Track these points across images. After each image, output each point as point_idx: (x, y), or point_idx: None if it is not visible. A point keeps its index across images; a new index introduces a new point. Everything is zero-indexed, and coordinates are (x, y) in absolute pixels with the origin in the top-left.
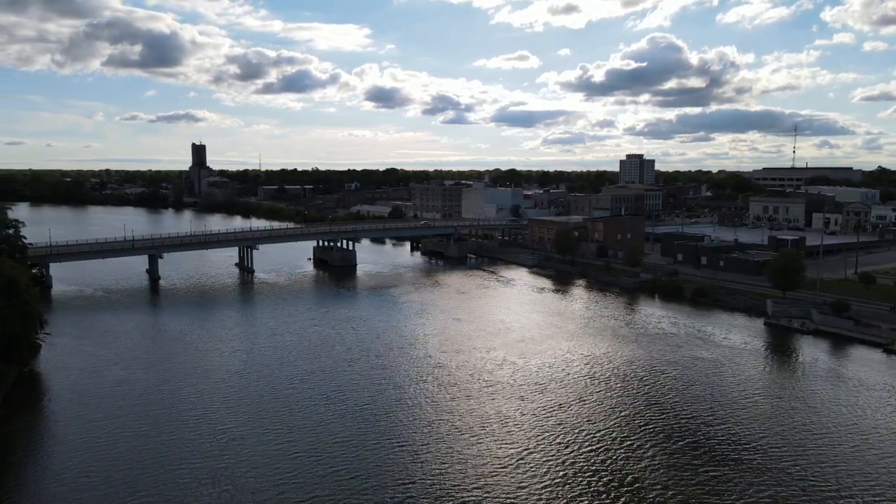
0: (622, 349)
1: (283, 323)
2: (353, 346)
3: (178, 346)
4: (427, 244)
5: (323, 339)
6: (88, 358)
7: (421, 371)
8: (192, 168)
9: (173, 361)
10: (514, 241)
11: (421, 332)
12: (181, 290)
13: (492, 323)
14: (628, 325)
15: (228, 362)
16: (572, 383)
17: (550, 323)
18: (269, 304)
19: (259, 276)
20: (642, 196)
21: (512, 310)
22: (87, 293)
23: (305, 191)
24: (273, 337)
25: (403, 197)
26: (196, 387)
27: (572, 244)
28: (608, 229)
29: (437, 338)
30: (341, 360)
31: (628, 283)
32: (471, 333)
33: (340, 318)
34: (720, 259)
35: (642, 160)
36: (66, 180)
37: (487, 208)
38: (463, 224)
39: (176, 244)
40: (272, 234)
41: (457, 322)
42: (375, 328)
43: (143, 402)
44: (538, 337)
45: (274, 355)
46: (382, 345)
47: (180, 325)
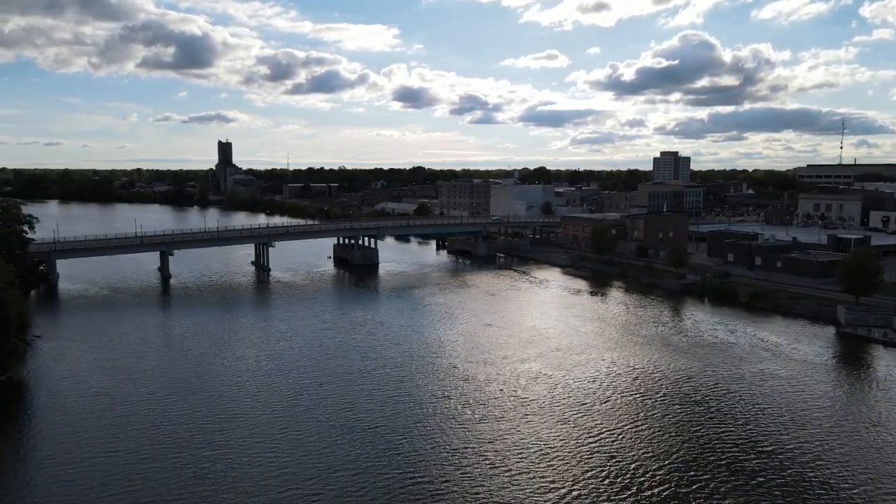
0: (676, 361)
1: (293, 326)
2: (369, 353)
3: (176, 351)
4: (454, 242)
5: (336, 346)
6: (76, 364)
7: (445, 385)
8: (219, 166)
9: (166, 370)
10: (546, 240)
11: (446, 338)
12: (191, 290)
13: (525, 329)
14: (679, 333)
15: (226, 372)
16: (621, 403)
17: (590, 329)
18: (282, 306)
19: (275, 275)
20: (682, 193)
21: (547, 314)
22: (91, 292)
23: (331, 189)
24: (281, 343)
25: (430, 195)
26: (186, 400)
27: (610, 243)
28: (649, 227)
29: (463, 345)
30: (354, 370)
31: (673, 285)
32: (502, 341)
33: (357, 322)
34: (777, 259)
35: (677, 157)
36: (94, 178)
37: (517, 206)
38: (492, 221)
39: (187, 241)
40: (289, 231)
41: (486, 328)
42: (396, 333)
43: (122, 419)
44: (577, 346)
45: (279, 364)
46: (402, 353)
47: (183, 328)
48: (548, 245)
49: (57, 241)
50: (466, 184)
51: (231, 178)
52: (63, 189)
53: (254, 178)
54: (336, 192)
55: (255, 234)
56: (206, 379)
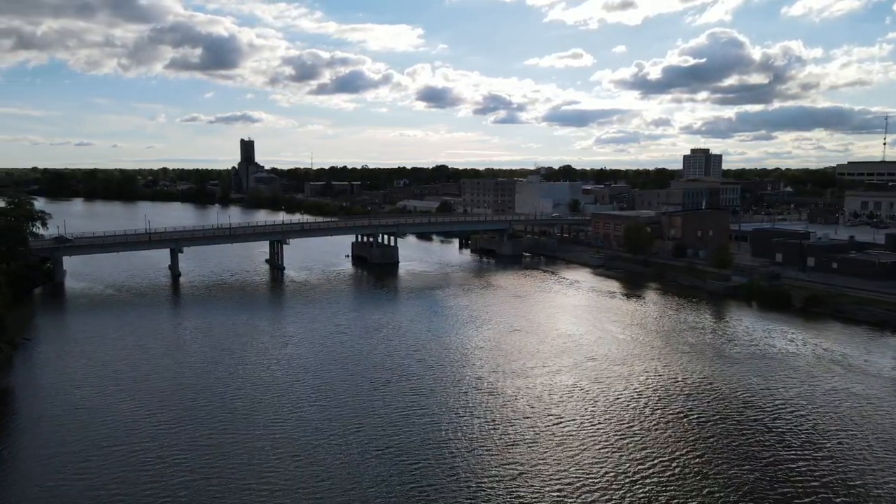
0: (731, 375)
1: (303, 329)
2: (384, 362)
3: (173, 357)
4: (478, 241)
5: (348, 353)
6: (62, 372)
7: (467, 400)
8: (241, 164)
9: (158, 379)
10: (575, 239)
11: (470, 345)
12: (200, 289)
13: (556, 335)
14: (730, 342)
15: (222, 382)
16: (673, 426)
17: (629, 336)
18: (293, 307)
19: (289, 275)
20: (718, 190)
21: (580, 318)
22: (96, 290)
23: (353, 187)
24: (288, 348)
25: (453, 193)
26: (171, 416)
27: (645, 242)
28: (687, 225)
29: (489, 354)
30: (366, 380)
31: (717, 288)
32: (531, 349)
33: (373, 326)
34: (832, 260)
35: (708, 155)
36: (118, 177)
37: (543, 203)
38: (518, 219)
39: (197, 237)
40: (304, 228)
41: (514, 333)
42: (414, 339)
43: (99, 436)
44: (616, 355)
45: (283, 373)
46: (420, 362)
47: (186, 331)
48: (576, 244)
49: (62, 237)
50: (490, 181)
51: (253, 176)
52: (88, 187)
53: (275, 177)
54: (358, 190)
55: (268, 230)
56: (200, 391)
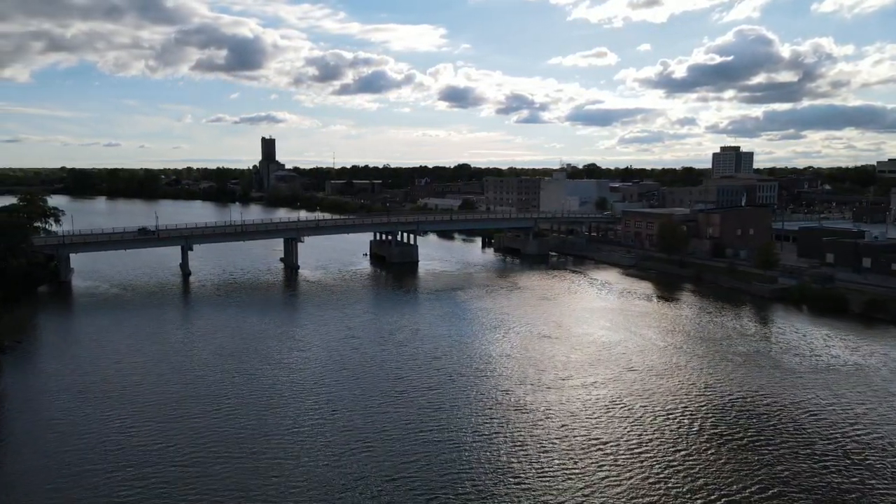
0: (797, 392)
1: (312, 333)
2: (398, 371)
3: (168, 364)
4: (502, 239)
5: (360, 360)
6: (46, 379)
7: (493, 417)
8: (262, 163)
9: (148, 389)
10: (604, 238)
11: (495, 352)
12: (209, 289)
13: (590, 342)
14: (787, 351)
15: (217, 393)
16: (731, 449)
17: (671, 344)
18: (305, 308)
19: (303, 274)
20: (754, 187)
21: (615, 323)
22: (101, 289)
23: (373, 185)
24: (294, 355)
25: (475, 191)
26: (156, 435)
27: (680, 241)
28: (726, 223)
29: (516, 363)
30: (377, 392)
31: (763, 291)
32: (563, 357)
33: (389, 330)
34: (892, 261)
35: (739, 153)
36: (140, 176)
37: (569, 201)
38: (544, 217)
39: (207, 234)
40: (319, 225)
41: (543, 340)
42: (433, 345)
43: (73, 461)
44: (659, 366)
45: (286, 383)
46: (440, 371)
47: (187, 334)
48: (606, 243)
49: (67, 234)
50: (514, 179)
51: (273, 174)
52: (111, 186)
53: (296, 175)
54: (379, 188)
55: (281, 227)
56: (191, 403)
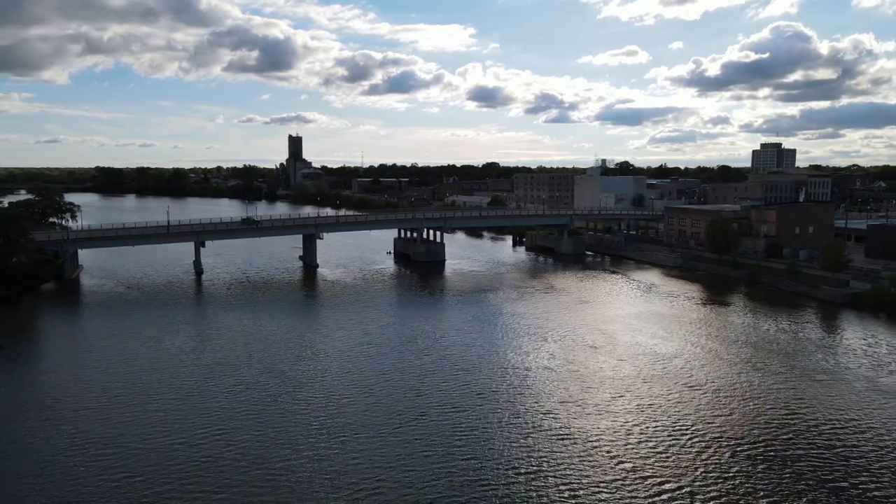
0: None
1: (324, 338)
2: (419, 385)
3: (154, 375)
4: (534, 238)
5: (375, 371)
6: (18, 389)
7: (530, 447)
8: (289, 161)
9: (128, 404)
10: (644, 236)
11: (531, 364)
12: (219, 288)
13: (642, 353)
14: (880, 366)
15: (201, 411)
16: (833, 495)
17: (737, 357)
18: (321, 310)
19: (322, 273)
20: (805, 183)
21: (668, 332)
22: (107, 287)
23: (401, 183)
24: (300, 365)
25: (504, 189)
26: (127, 464)
27: (731, 240)
28: (783, 220)
29: (557, 378)
30: (393, 415)
31: (833, 296)
32: (612, 372)
33: (411, 336)
34: None
35: (781, 150)
36: (168, 174)
37: (604, 198)
38: (580, 214)
39: (220, 230)
40: (339, 221)
41: (588, 351)
42: (461, 355)
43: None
44: (726, 384)
45: (286, 398)
46: (468, 386)
47: (187, 339)
48: (646, 242)
49: (72, 229)
50: (546, 175)
51: (300, 172)
52: (140, 184)
53: (322, 173)
54: (405, 186)
55: (299, 224)
56: (170, 425)
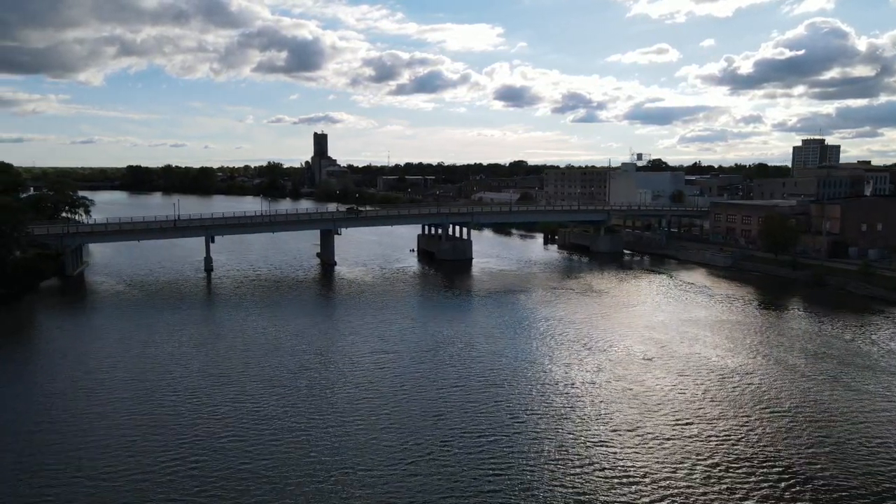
0: None
1: (334, 344)
2: (441, 405)
3: (135, 389)
4: (567, 235)
5: (389, 386)
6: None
7: (581, 489)
8: (313, 159)
9: (92, 420)
10: (687, 234)
11: (576, 380)
12: (228, 287)
13: (707, 368)
14: None
15: (176, 435)
16: None
17: (823, 374)
18: (333, 312)
19: (340, 271)
20: (862, 178)
21: (734, 342)
22: (108, 285)
23: (426, 181)
24: (300, 376)
25: (533, 186)
26: (75, 487)
27: (790, 238)
28: (849, 216)
29: (607, 397)
30: (406, 443)
31: None
32: (672, 390)
33: (434, 342)
34: None
35: (824, 146)
36: (194, 172)
37: (641, 195)
38: (617, 209)
39: (231, 225)
40: (360, 217)
41: (640, 364)
42: (491, 367)
43: None
44: (819, 410)
45: (277, 424)
46: (500, 406)
47: (178, 344)
48: (689, 240)
49: (69, 224)
50: (577, 171)
51: (325, 170)
52: (166, 182)
53: (346, 170)
54: (432, 184)
55: (315, 218)
56: (141, 451)
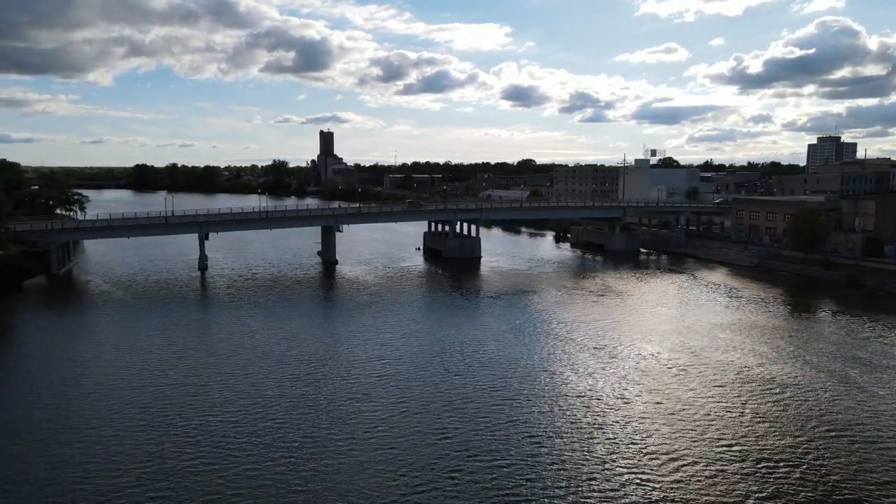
0: None
1: (328, 350)
2: (446, 423)
3: (94, 407)
4: (580, 233)
5: (385, 403)
6: None
7: None
8: (319, 157)
9: (31, 449)
10: (706, 232)
11: (604, 393)
12: (220, 287)
13: (749, 380)
14: None
15: (134, 461)
16: None
17: (889, 387)
18: (331, 314)
19: (341, 271)
20: (888, 174)
21: (775, 349)
22: (94, 284)
23: (433, 179)
24: (285, 391)
25: (542, 184)
26: None
27: (822, 236)
28: (885, 212)
29: (641, 414)
30: (403, 474)
31: None
32: (715, 406)
33: (439, 348)
34: None
35: (840, 144)
36: (199, 171)
37: (655, 192)
38: (634, 206)
39: (226, 221)
40: (361, 212)
41: (673, 374)
42: (504, 377)
43: None
44: (890, 430)
45: (260, 443)
46: (514, 425)
47: (149, 355)
48: (710, 238)
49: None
50: (588, 167)
51: (330, 168)
52: (171, 181)
53: (353, 169)
54: (439, 182)
55: (315, 214)
56: (94, 484)
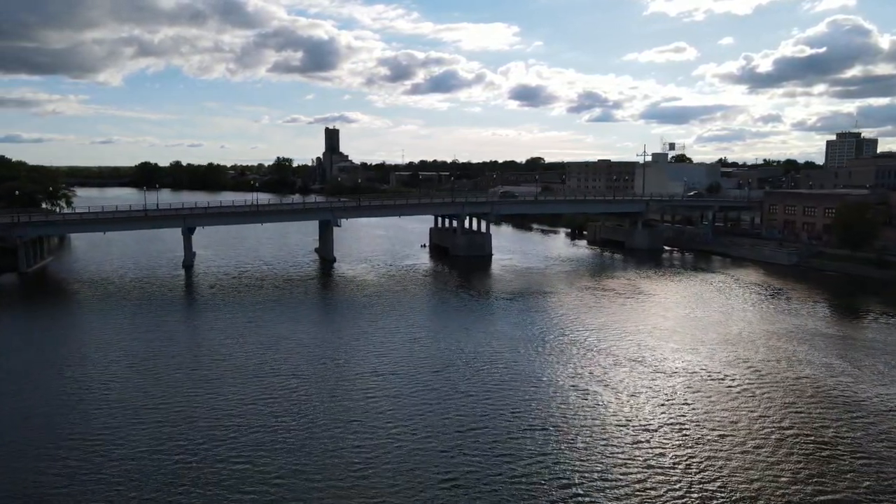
0: None
1: (314, 361)
2: (456, 455)
3: (34, 424)
4: (598, 230)
5: (384, 426)
6: None
7: None
8: (325, 154)
9: None
10: (735, 229)
11: (651, 419)
12: (203, 287)
13: (832, 403)
14: None
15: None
16: None
17: None
18: (326, 319)
19: (340, 269)
20: None
21: (856, 364)
22: (66, 283)
23: (440, 176)
24: (268, 407)
25: (553, 181)
26: None
27: (870, 232)
28: None
29: (702, 446)
30: None
31: None
32: (795, 440)
33: (445, 359)
34: None
35: (860, 139)
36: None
37: (673, 187)
38: (657, 199)
39: (212, 214)
40: (362, 206)
41: (737, 397)
42: (524, 397)
43: None
44: None
45: (228, 475)
46: (545, 465)
47: (106, 365)
48: (739, 235)
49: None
50: (603, 162)
51: (336, 165)
52: (175, 179)
53: (358, 166)
54: (447, 180)
55: (311, 208)
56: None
